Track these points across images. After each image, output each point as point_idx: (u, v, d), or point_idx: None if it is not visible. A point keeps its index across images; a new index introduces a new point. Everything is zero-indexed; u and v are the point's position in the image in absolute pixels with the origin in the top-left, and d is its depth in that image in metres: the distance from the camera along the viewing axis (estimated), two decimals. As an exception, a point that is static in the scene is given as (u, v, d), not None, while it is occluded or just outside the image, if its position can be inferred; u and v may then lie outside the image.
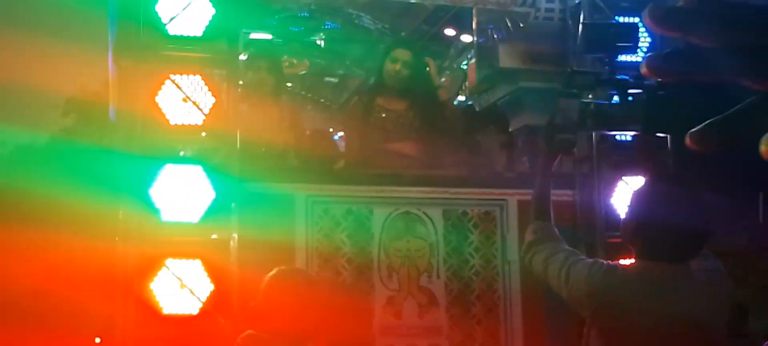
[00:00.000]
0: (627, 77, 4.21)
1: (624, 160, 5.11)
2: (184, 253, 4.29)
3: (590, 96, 3.92)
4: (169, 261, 4.24)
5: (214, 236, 4.42)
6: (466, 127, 6.25)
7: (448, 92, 6.63)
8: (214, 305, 4.28)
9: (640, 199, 3.44)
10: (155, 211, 4.29)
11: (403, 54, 5.71)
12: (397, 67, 5.63)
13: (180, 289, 4.24)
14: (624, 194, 4.91)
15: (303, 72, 6.83)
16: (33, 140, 19.33)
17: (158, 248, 4.28)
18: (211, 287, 4.27)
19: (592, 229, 5.09)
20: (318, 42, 6.82)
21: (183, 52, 4.47)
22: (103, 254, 5.00)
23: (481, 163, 5.90)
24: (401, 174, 5.28)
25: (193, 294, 4.25)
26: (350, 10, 6.34)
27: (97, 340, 8.62)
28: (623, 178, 5.04)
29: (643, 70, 0.80)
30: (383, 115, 5.67)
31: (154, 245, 4.29)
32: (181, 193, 4.32)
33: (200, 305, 4.25)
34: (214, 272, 4.29)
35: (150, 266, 4.23)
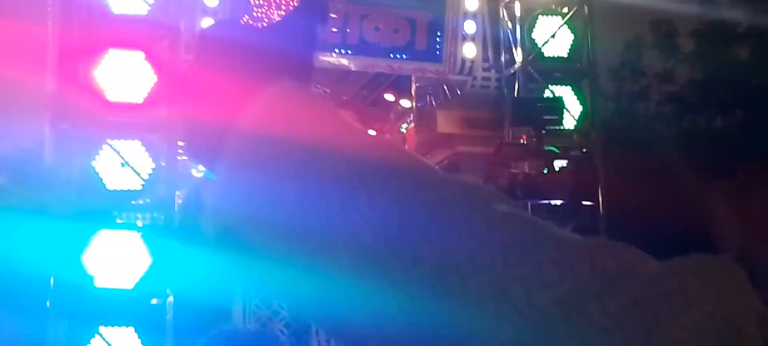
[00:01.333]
0: (554, 149, 4.35)
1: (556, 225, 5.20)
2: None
3: (519, 166, 4.03)
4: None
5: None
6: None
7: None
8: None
9: None
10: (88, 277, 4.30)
11: (352, 116, 5.84)
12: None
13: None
14: None
15: None
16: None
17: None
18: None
19: None
20: None
21: (121, 117, 4.55)
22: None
23: None
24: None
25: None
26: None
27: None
28: None
29: None
30: None
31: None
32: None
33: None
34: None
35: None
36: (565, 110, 4.86)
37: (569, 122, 5.11)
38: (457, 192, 0.60)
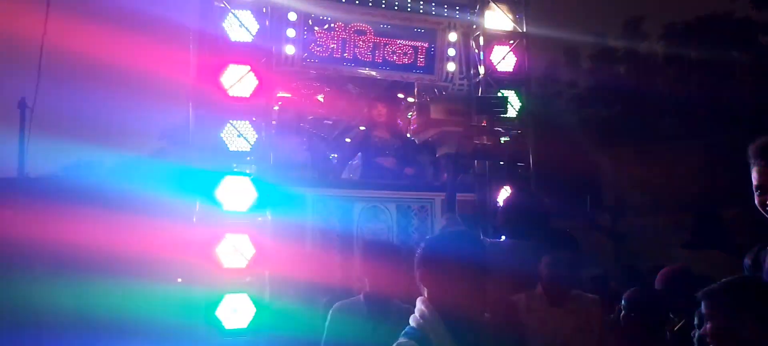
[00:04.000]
0: (501, 129, 4.37)
1: (502, 177, 5.15)
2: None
3: (480, 139, 4.04)
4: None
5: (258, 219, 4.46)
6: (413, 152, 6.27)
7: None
8: (254, 262, 4.32)
9: (506, 200, 3.50)
10: (219, 204, 4.35)
11: (382, 106, 5.85)
12: (383, 111, 5.77)
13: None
14: (502, 197, 5.00)
15: (310, 117, 6.76)
16: (138, 154, 19.05)
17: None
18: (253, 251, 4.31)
19: (485, 217, 5.13)
20: (319, 98, 6.80)
21: (237, 106, 4.53)
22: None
23: (419, 176, 5.87)
24: (372, 183, 5.34)
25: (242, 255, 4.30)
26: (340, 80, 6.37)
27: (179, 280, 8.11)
28: (503, 187, 5.11)
29: None
30: (377, 142, 5.74)
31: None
32: (235, 193, 4.37)
33: (246, 262, 4.30)
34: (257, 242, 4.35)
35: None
36: (509, 105, 4.86)
37: (512, 113, 5.12)
38: None
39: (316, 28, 5.16)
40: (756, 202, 2.07)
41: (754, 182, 2.07)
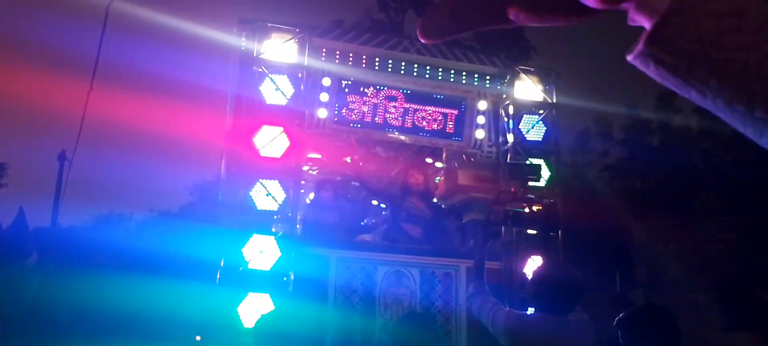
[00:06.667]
0: (532, 196, 4.32)
1: (531, 246, 5.14)
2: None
3: (510, 206, 3.99)
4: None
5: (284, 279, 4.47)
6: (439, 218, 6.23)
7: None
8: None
9: (539, 272, 3.38)
10: (244, 262, 4.39)
11: (419, 173, 5.87)
12: (420, 179, 5.78)
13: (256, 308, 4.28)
14: (531, 266, 4.99)
15: (338, 178, 6.82)
16: (168, 209, 19.39)
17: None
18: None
19: (511, 287, 5.09)
20: (346, 160, 6.87)
21: (268, 166, 4.63)
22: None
23: (444, 242, 5.83)
24: (396, 247, 5.31)
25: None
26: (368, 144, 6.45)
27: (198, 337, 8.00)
28: (531, 256, 5.10)
29: (422, 40, 0.55)
30: (411, 209, 5.70)
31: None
32: (260, 252, 4.41)
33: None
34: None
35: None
36: (540, 174, 4.83)
37: (542, 182, 5.09)
38: None
39: (348, 92, 5.29)
40: None
41: None
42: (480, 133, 5.58)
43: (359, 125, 5.38)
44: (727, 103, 0.39)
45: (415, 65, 5.31)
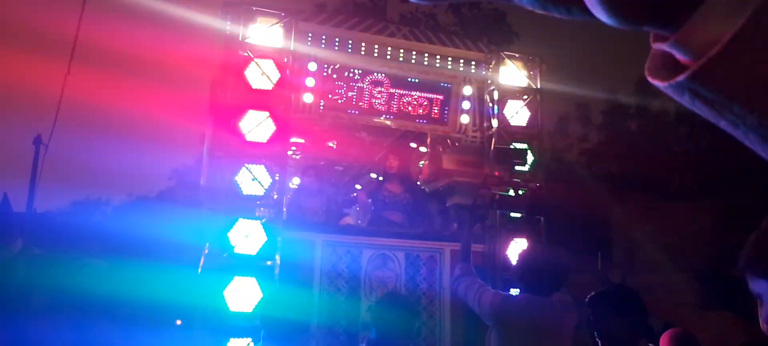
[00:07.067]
0: (518, 180, 4.37)
1: (514, 229, 5.17)
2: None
3: (497, 190, 4.03)
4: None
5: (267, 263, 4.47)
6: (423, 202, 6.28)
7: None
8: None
9: (525, 254, 3.44)
10: (230, 247, 4.36)
11: (395, 158, 5.90)
12: (395, 164, 5.80)
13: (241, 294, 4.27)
14: (514, 249, 5.04)
15: (322, 163, 6.80)
16: (146, 193, 19.15)
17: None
18: (260, 295, 4.28)
19: (494, 269, 5.16)
20: (331, 145, 6.87)
21: (254, 151, 4.59)
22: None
23: (428, 225, 5.90)
24: (381, 231, 5.34)
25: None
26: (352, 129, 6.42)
27: (178, 322, 8.00)
28: (514, 239, 5.15)
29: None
30: (386, 196, 5.77)
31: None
32: (246, 236, 4.39)
33: (253, 306, 4.28)
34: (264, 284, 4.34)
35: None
36: (526, 158, 4.87)
37: (526, 166, 5.14)
38: None
39: (334, 77, 5.28)
40: None
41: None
42: (465, 119, 5.61)
43: (344, 110, 5.38)
44: (761, 138, 0.39)
45: (401, 50, 5.31)
